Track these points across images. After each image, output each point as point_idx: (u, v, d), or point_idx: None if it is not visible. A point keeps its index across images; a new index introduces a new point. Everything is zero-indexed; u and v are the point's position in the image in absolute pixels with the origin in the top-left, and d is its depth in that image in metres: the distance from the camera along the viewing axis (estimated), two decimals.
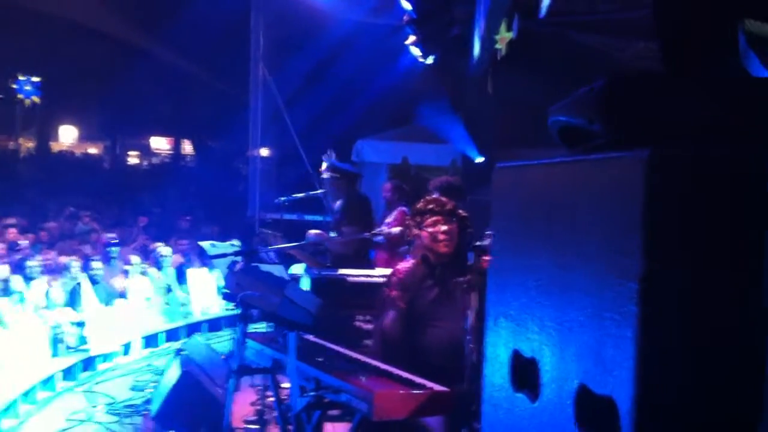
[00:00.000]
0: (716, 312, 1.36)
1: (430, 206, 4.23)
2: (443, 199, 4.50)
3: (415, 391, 3.52)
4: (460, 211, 4.29)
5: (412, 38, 11.54)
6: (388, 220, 7.40)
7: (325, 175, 6.77)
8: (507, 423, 1.91)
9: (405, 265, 4.38)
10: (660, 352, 1.37)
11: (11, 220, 11.68)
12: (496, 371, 1.95)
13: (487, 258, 4.07)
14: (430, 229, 4.16)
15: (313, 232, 6.63)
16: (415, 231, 4.25)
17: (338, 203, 6.73)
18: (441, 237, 4.15)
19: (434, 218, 4.17)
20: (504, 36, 8.74)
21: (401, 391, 3.52)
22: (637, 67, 1.73)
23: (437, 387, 3.57)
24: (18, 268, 8.04)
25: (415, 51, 11.82)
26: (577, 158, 1.66)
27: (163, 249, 10.00)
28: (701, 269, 1.35)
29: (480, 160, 12.58)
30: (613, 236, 1.44)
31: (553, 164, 1.74)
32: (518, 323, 1.84)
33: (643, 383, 1.38)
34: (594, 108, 1.58)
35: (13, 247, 9.51)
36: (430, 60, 11.90)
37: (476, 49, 10.31)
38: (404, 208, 7.49)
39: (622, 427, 1.43)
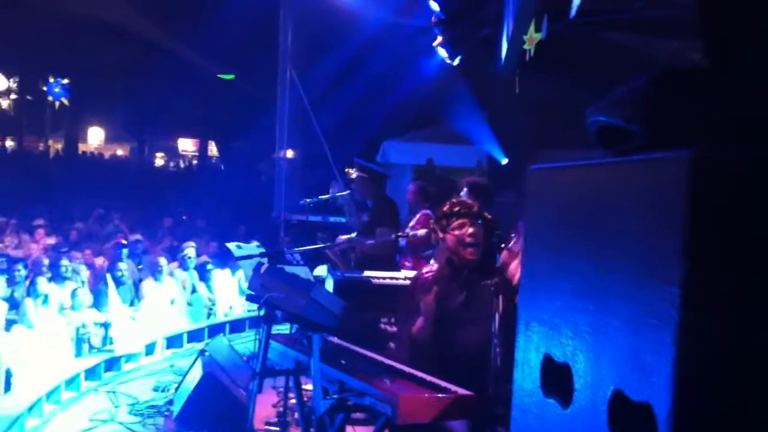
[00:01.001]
0: (759, 318, 1.29)
1: (456, 209, 4.15)
2: (469, 201, 4.44)
3: (439, 395, 3.47)
4: (486, 214, 4.21)
5: (439, 39, 11.51)
6: (412, 223, 7.35)
7: (354, 175, 6.73)
8: (537, 428, 1.85)
9: (429, 268, 4.32)
10: (700, 358, 1.31)
11: (39, 221, 11.81)
12: (527, 376, 1.89)
13: (515, 261, 4.02)
14: (456, 233, 4.08)
15: (343, 237, 6.58)
16: (441, 234, 4.17)
17: (368, 203, 6.69)
18: (468, 240, 4.07)
19: (460, 221, 4.09)
20: (533, 36, 8.67)
21: (426, 395, 3.47)
22: (675, 65, 1.66)
23: (461, 391, 3.52)
24: (45, 268, 8.09)
25: (442, 52, 11.79)
26: (615, 159, 1.60)
27: (189, 250, 10.01)
28: (744, 273, 1.29)
29: (505, 161, 12.53)
30: (653, 239, 1.38)
31: (591, 166, 1.68)
32: (551, 327, 1.78)
33: (683, 390, 1.32)
34: (633, 107, 1.52)
35: (45, 249, 9.62)
36: (456, 61, 11.86)
37: (503, 50, 10.25)
38: (428, 211, 7.44)
39: None
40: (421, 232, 5.94)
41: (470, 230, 4.07)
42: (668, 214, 1.32)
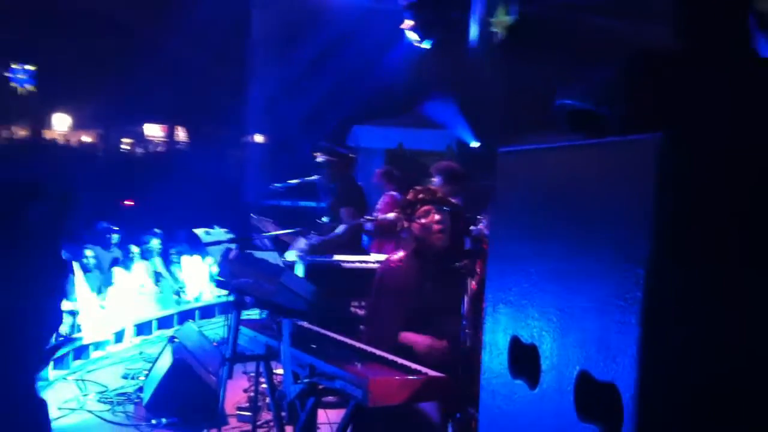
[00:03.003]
0: (724, 301, 1.31)
1: (420, 196, 4.13)
2: (432, 188, 4.42)
3: (410, 377, 3.47)
4: (452, 199, 4.20)
5: (408, 22, 11.46)
6: (379, 205, 7.35)
7: (321, 159, 6.70)
8: (505, 410, 1.86)
9: (397, 257, 4.29)
10: (665, 338, 1.32)
11: None
12: (495, 358, 1.90)
13: (483, 244, 4.02)
14: (422, 221, 4.06)
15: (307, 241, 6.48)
16: (406, 223, 4.14)
17: (332, 186, 6.67)
18: (435, 227, 4.05)
19: (425, 208, 4.07)
20: (501, 20, 8.69)
21: (396, 377, 3.48)
22: (644, 49, 1.66)
23: (432, 372, 3.53)
24: None
25: (412, 35, 11.74)
26: (585, 142, 1.61)
27: (153, 241, 9.94)
28: (711, 257, 1.30)
29: (475, 144, 12.55)
30: (621, 221, 1.39)
31: (561, 148, 1.69)
32: (518, 309, 1.79)
33: (647, 370, 1.33)
34: (603, 91, 1.53)
35: None
36: (426, 44, 11.82)
37: (473, 33, 10.26)
38: (394, 193, 7.43)
39: (625, 413, 1.38)
40: (391, 215, 5.94)
41: (436, 217, 4.05)
42: (637, 196, 1.33)
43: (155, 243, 9.89)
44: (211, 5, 17.09)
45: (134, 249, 9.21)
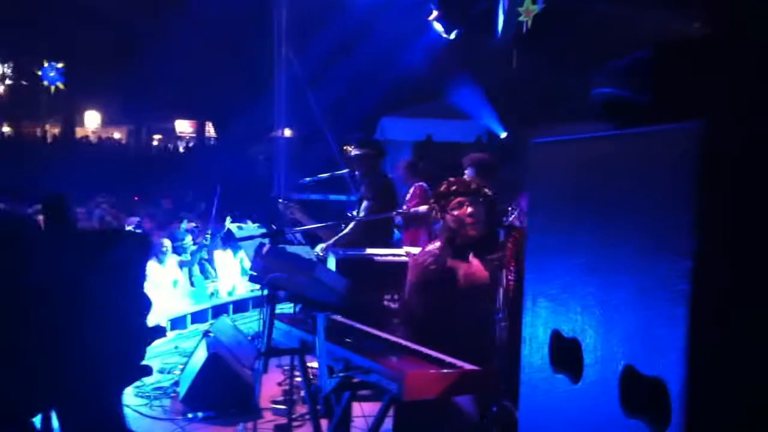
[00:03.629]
0: None
1: (454, 188, 4.10)
2: (466, 179, 4.39)
3: (445, 371, 3.46)
4: (486, 190, 4.17)
5: (435, 13, 11.41)
6: (408, 197, 7.32)
7: (356, 152, 6.67)
8: (546, 404, 1.84)
9: (431, 247, 4.28)
10: (714, 333, 1.29)
11: (38, 206, 11.77)
12: (535, 352, 1.88)
13: (518, 236, 3.99)
14: (455, 212, 4.04)
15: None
16: (440, 214, 4.13)
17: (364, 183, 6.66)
18: (468, 220, 4.03)
19: (458, 200, 4.05)
20: (529, 8, 8.62)
21: (432, 371, 3.46)
22: (678, 35, 1.62)
23: (468, 366, 3.51)
24: None
25: (438, 26, 11.69)
26: (623, 132, 1.58)
27: (188, 238, 10.01)
28: (758, 246, 1.27)
29: (504, 135, 12.48)
30: (663, 212, 1.36)
31: (597, 138, 1.66)
32: (559, 303, 1.77)
33: (696, 365, 1.31)
34: (641, 78, 1.50)
35: None
36: (453, 35, 11.76)
37: (500, 23, 10.19)
38: (423, 183, 7.40)
39: (673, 408, 1.35)
40: (422, 208, 5.92)
41: (469, 209, 4.02)
42: (679, 187, 1.30)
43: (189, 239, 9.97)
44: (236, 1, 17.15)
45: (166, 243, 9.28)
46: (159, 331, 4.58)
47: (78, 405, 3.60)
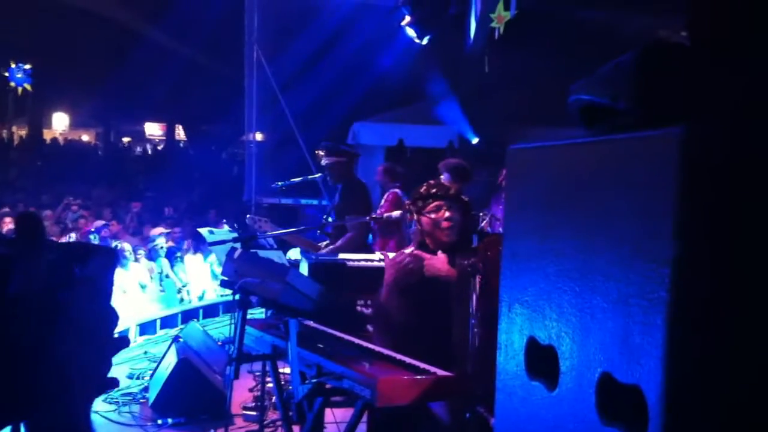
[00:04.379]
0: (752, 299, 1.28)
1: (433, 191, 4.10)
2: (446, 183, 4.40)
3: (419, 377, 3.45)
4: (463, 197, 4.18)
5: (407, 19, 11.43)
6: (381, 203, 7.32)
7: (325, 160, 6.64)
8: (522, 412, 1.83)
9: (406, 251, 4.28)
10: (692, 340, 1.29)
11: (5, 209, 11.59)
12: (510, 358, 1.88)
13: (487, 242, 3.99)
14: (432, 215, 4.04)
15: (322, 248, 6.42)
16: (416, 216, 4.12)
17: (338, 187, 6.63)
18: (444, 224, 4.03)
19: (437, 203, 4.05)
20: (501, 15, 8.66)
21: (405, 377, 3.45)
22: (659, 41, 1.62)
23: (441, 372, 3.50)
24: None
25: (411, 32, 11.72)
26: (602, 138, 1.57)
27: (160, 240, 9.91)
28: (739, 254, 1.27)
29: (476, 141, 12.53)
30: (642, 219, 1.36)
31: (576, 144, 1.65)
32: (535, 309, 1.76)
33: (674, 372, 1.30)
34: (620, 84, 1.49)
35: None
36: (425, 41, 11.80)
37: (472, 28, 10.22)
38: (397, 190, 7.41)
39: (650, 416, 1.35)
40: (396, 213, 5.91)
41: (447, 213, 4.03)
42: (659, 193, 1.30)
43: (161, 242, 9.86)
44: (209, 3, 17.05)
45: (127, 247, 9.18)
46: (123, 341, 4.57)
47: (47, 416, 3.56)
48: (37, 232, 3.77)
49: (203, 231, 5.56)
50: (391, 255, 4.38)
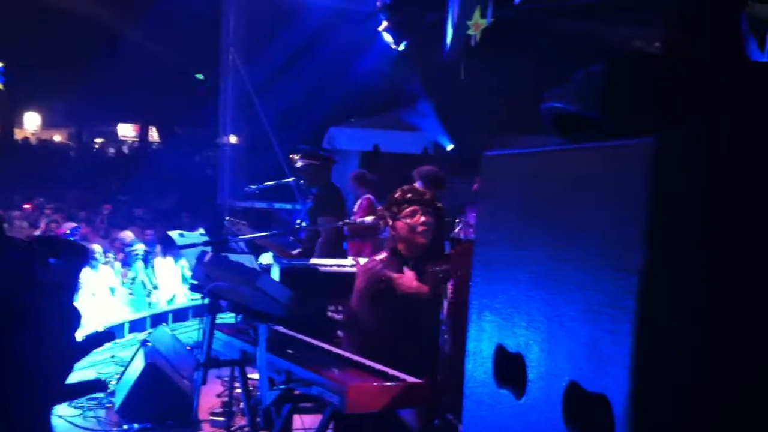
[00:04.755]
0: (721, 310, 1.27)
1: (408, 196, 4.11)
2: (420, 189, 4.40)
3: (388, 384, 3.43)
4: (437, 203, 4.18)
5: (384, 24, 11.44)
6: (355, 209, 7.31)
7: (301, 163, 6.61)
8: (490, 420, 1.82)
9: (378, 257, 4.27)
10: (658, 349, 1.29)
11: None
12: (479, 366, 1.86)
13: (459, 249, 3.99)
14: (408, 220, 4.03)
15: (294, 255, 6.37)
16: (390, 222, 4.12)
17: (313, 191, 6.60)
18: (420, 229, 4.03)
19: (412, 208, 4.05)
20: (478, 22, 8.67)
21: (374, 384, 3.43)
22: (631, 51, 1.63)
23: (411, 379, 3.49)
24: None
25: (388, 37, 11.73)
26: (574, 146, 1.57)
27: (138, 246, 9.80)
28: (706, 264, 1.27)
29: (451, 147, 12.57)
30: (611, 228, 1.35)
31: (548, 152, 1.65)
32: (504, 317, 1.75)
33: (640, 381, 1.30)
34: (590, 94, 1.49)
35: None
36: (401, 46, 11.81)
37: (449, 35, 10.23)
38: (369, 196, 7.40)
39: (616, 425, 1.34)
40: (369, 218, 5.89)
41: (422, 218, 4.03)
42: (628, 202, 1.30)
43: (139, 248, 9.74)
44: (185, 5, 16.95)
45: (98, 249, 9.06)
46: (109, 336, 4.50)
47: (8, 422, 3.49)
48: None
49: (173, 234, 5.50)
50: (362, 261, 4.36)
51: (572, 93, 1.61)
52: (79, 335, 4.07)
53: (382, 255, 4.24)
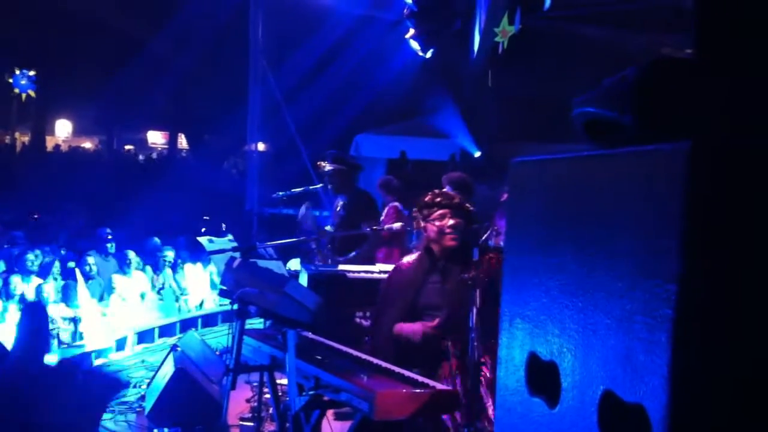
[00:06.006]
0: (761, 319, 1.25)
1: (438, 199, 4.18)
2: (451, 193, 4.45)
3: (417, 390, 3.43)
4: (468, 206, 4.23)
5: (411, 32, 11.46)
6: (382, 217, 7.31)
7: (329, 167, 6.64)
8: (522, 428, 1.80)
9: (409, 259, 4.34)
10: (697, 357, 1.27)
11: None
12: (511, 374, 1.85)
13: (492, 255, 4.00)
14: (437, 223, 4.12)
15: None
16: (422, 224, 4.20)
17: (340, 198, 6.61)
18: (448, 231, 4.10)
19: (441, 211, 4.13)
20: (505, 29, 8.66)
21: (403, 390, 3.43)
22: (666, 56, 1.61)
23: (440, 386, 3.48)
24: (12, 263, 7.94)
25: (415, 45, 11.75)
26: (606, 152, 1.55)
27: (168, 253, 9.86)
28: (746, 269, 1.25)
29: (478, 154, 12.54)
30: (647, 235, 1.33)
31: (579, 158, 1.64)
32: (536, 325, 1.73)
33: (678, 391, 1.28)
34: (625, 98, 1.47)
35: (10, 242, 9.42)
36: (428, 54, 11.83)
37: (476, 42, 10.23)
38: (396, 204, 7.41)
39: None
40: (396, 225, 5.90)
41: (451, 221, 4.10)
42: (664, 209, 1.28)
43: (170, 255, 9.82)
44: (212, 13, 17.11)
45: (131, 255, 9.15)
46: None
47: None
48: None
49: (203, 240, 5.53)
50: (388, 267, 4.41)
51: (604, 98, 1.60)
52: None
53: (414, 255, 4.29)
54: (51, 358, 6.88)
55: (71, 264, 8.38)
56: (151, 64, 21.44)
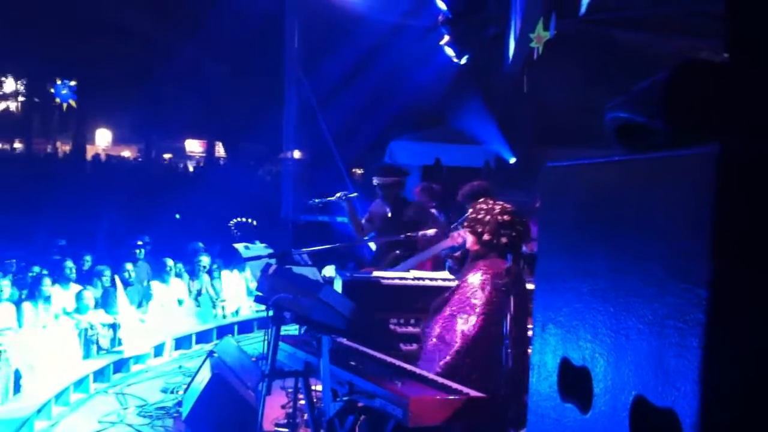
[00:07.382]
0: None
1: (481, 215, 4.23)
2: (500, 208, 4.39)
3: (451, 397, 3.43)
4: (519, 226, 4.22)
5: (446, 38, 11.46)
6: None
7: (381, 180, 6.71)
8: None
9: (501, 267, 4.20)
10: (729, 362, 1.26)
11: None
12: (543, 380, 1.85)
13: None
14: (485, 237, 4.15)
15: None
16: (476, 239, 4.20)
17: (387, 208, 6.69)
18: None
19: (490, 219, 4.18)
20: (540, 35, 8.62)
21: (437, 397, 3.43)
22: (695, 60, 1.60)
23: (473, 392, 3.47)
24: (52, 270, 8.09)
25: (449, 51, 11.74)
26: (637, 156, 1.55)
27: (203, 258, 9.97)
28: None
29: (513, 160, 12.48)
30: (678, 239, 1.33)
31: (610, 163, 1.63)
32: (568, 330, 1.73)
33: (710, 396, 1.27)
34: (657, 103, 1.47)
35: (50, 250, 9.60)
36: (463, 60, 11.81)
37: (511, 48, 10.19)
38: (433, 211, 7.40)
39: None
40: (431, 232, 5.90)
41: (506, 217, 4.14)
42: (694, 213, 1.28)
43: (205, 261, 9.93)
44: (247, 23, 17.28)
45: (169, 262, 9.26)
46: None
47: None
48: None
49: (239, 246, 5.58)
50: (420, 274, 4.39)
51: (636, 102, 1.59)
52: None
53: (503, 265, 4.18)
54: None
55: (108, 272, 8.50)
56: (186, 73, 21.72)
